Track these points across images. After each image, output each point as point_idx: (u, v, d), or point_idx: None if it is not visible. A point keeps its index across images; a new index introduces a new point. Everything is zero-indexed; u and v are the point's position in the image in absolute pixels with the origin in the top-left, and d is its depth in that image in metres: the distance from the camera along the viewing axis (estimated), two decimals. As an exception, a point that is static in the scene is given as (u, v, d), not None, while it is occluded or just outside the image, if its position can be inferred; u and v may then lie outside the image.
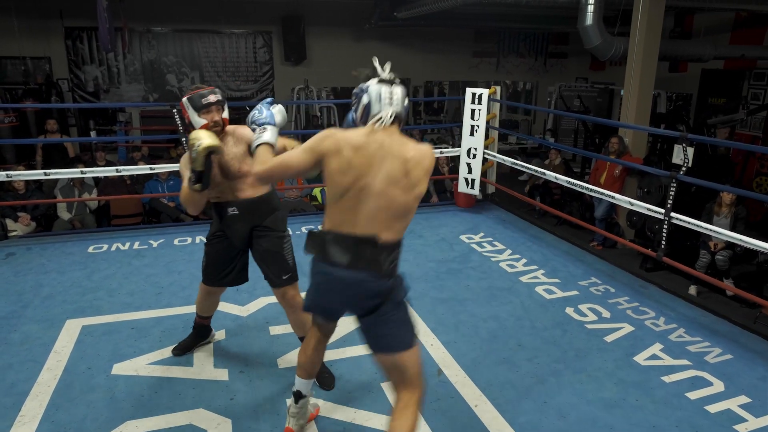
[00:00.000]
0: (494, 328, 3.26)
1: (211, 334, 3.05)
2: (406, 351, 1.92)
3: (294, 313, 2.64)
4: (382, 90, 1.95)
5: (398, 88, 1.95)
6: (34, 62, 9.56)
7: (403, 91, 1.96)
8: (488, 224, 5.21)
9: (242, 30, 10.78)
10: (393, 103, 1.93)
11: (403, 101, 1.95)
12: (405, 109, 1.96)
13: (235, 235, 2.62)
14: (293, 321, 2.69)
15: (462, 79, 12.04)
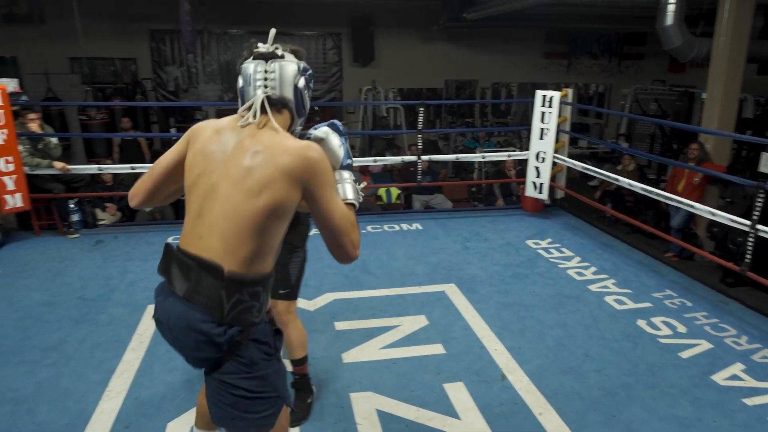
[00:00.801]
0: (561, 336, 3.20)
1: None
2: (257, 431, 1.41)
3: (287, 331, 2.39)
4: (251, 68, 1.48)
5: (277, 64, 1.46)
6: (122, 63, 10.19)
7: (288, 69, 1.46)
8: (556, 230, 5.09)
9: (313, 32, 11.04)
10: (268, 85, 1.46)
11: (289, 81, 1.46)
12: (294, 91, 1.48)
13: None
14: (288, 340, 2.41)
15: (531, 81, 11.80)
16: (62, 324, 3.26)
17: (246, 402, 1.39)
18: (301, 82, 1.49)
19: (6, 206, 4.53)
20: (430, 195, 7.22)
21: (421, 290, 3.78)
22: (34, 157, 4.68)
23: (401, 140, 10.73)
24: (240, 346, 1.37)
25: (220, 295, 1.35)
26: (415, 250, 4.52)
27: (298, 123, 1.55)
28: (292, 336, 2.41)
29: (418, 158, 5.58)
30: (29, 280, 3.85)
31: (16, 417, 2.43)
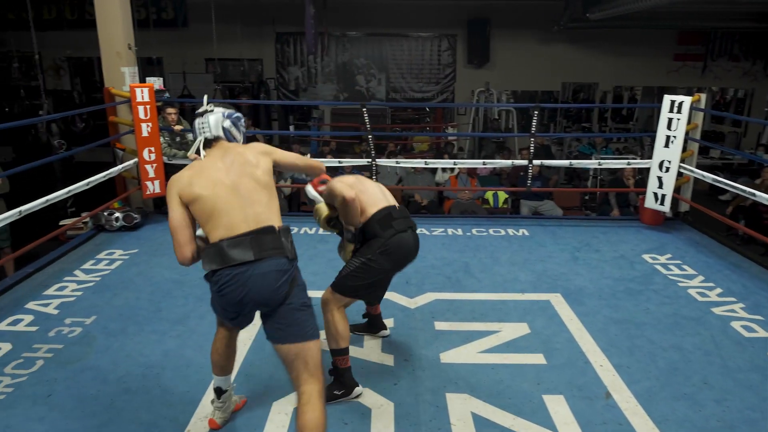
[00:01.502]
0: (675, 359, 2.98)
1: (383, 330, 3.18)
2: (312, 340, 1.97)
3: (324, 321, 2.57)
4: (195, 123, 2.20)
5: (211, 116, 2.18)
6: (249, 63, 10.95)
7: (215, 117, 2.17)
8: (677, 245, 4.73)
9: (428, 33, 11.13)
10: (202, 131, 2.17)
11: (216, 125, 2.17)
12: (220, 130, 2.17)
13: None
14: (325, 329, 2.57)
15: (658, 85, 11.02)
16: (187, 300, 3.59)
17: (307, 313, 2.03)
18: (226, 123, 2.20)
19: (147, 191, 5.07)
20: (540, 201, 7.00)
21: (523, 297, 3.69)
22: (171, 148, 5.19)
23: (512, 144, 10.51)
24: (298, 275, 2.05)
25: (281, 241, 1.99)
26: (520, 257, 4.42)
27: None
28: (326, 327, 2.56)
29: (528, 162, 5.44)
30: (162, 258, 4.28)
31: (145, 380, 2.72)
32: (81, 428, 2.38)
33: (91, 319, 3.31)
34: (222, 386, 2.35)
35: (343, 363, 2.57)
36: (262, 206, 2.02)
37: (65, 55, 11.17)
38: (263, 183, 2.06)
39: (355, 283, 2.58)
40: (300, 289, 2.03)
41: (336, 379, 2.60)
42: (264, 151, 2.17)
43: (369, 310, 3.15)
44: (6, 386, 2.64)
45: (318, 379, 1.96)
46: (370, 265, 2.55)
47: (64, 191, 4.24)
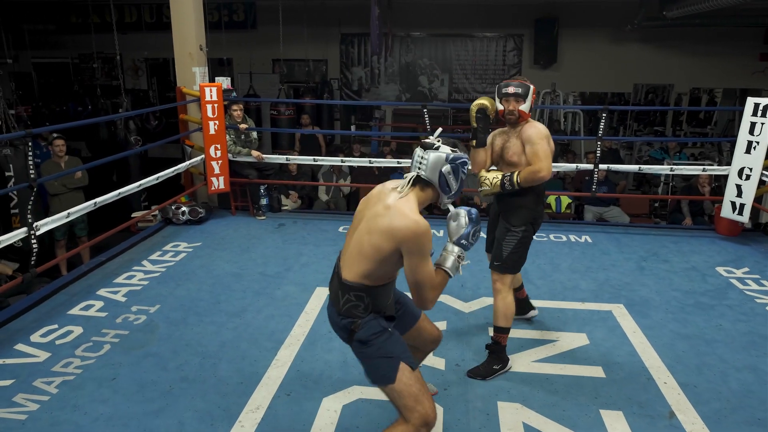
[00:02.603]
0: (750, 381, 2.77)
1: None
2: (385, 386, 1.93)
3: (495, 299, 2.84)
4: (416, 153, 1.95)
5: (432, 154, 1.91)
6: (314, 64, 11.16)
7: (436, 157, 1.90)
8: (756, 258, 4.41)
9: (494, 33, 10.94)
10: (418, 167, 1.92)
11: (433, 167, 1.90)
12: (437, 174, 1.90)
13: (492, 214, 3.03)
14: (494, 307, 2.86)
15: (741, 87, 10.32)
16: (245, 294, 3.69)
17: (368, 363, 1.97)
18: (445, 168, 1.91)
19: (212, 187, 5.26)
20: (605, 207, 6.72)
21: (583, 307, 3.55)
22: (236, 145, 5.35)
23: (578, 147, 10.14)
24: (353, 332, 1.94)
25: (337, 293, 1.96)
26: (582, 264, 4.25)
27: (445, 198, 1.97)
28: (497, 305, 2.81)
29: (594, 167, 5.23)
30: (223, 252, 4.43)
31: (202, 369, 2.82)
32: (140, 412, 2.48)
33: (155, 308, 3.46)
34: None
35: (505, 341, 2.82)
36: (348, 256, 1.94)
37: (143, 56, 11.79)
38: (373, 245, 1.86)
39: (519, 258, 2.83)
40: (359, 345, 1.95)
41: (495, 355, 2.80)
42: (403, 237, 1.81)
43: (516, 295, 3.20)
44: (76, 367, 2.81)
45: (406, 420, 1.93)
46: (527, 236, 2.82)
47: (135, 185, 4.46)
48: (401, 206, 1.84)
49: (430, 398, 1.95)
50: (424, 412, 1.89)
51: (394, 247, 1.82)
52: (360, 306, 1.93)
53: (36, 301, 3.50)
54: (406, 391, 1.90)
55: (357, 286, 1.91)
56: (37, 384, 2.66)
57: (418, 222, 1.80)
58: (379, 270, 1.89)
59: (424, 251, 1.83)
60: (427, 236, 1.81)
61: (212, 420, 2.44)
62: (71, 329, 3.18)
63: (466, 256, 2.01)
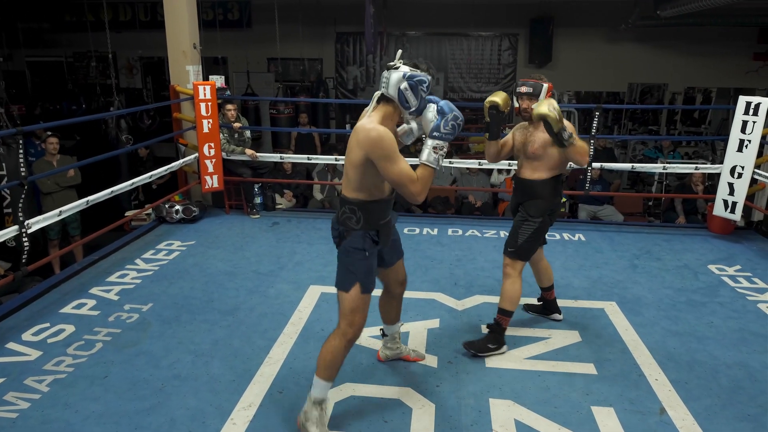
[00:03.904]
0: (740, 377, 2.78)
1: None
2: (339, 291, 2.29)
3: (505, 282, 2.95)
4: (382, 75, 2.17)
5: (393, 73, 2.12)
6: (310, 63, 11.15)
7: (395, 76, 2.11)
8: (748, 256, 4.43)
9: (489, 32, 10.96)
10: (382, 86, 2.15)
11: (394, 85, 2.12)
12: (398, 91, 2.12)
13: (511, 204, 3.12)
14: (502, 289, 2.96)
15: (735, 86, 10.36)
16: (239, 292, 3.68)
17: (340, 267, 2.31)
18: (403, 85, 2.12)
19: (206, 186, 5.25)
20: (599, 206, 6.74)
21: (576, 304, 3.56)
22: (230, 144, 5.34)
23: (573, 146, 10.16)
24: (343, 239, 2.28)
25: (339, 207, 2.29)
26: (575, 262, 4.27)
27: (406, 113, 2.20)
28: (505, 287, 2.93)
29: (588, 165, 5.25)
30: (217, 251, 4.42)
31: (195, 367, 2.81)
32: (132, 410, 2.48)
33: (147, 306, 3.45)
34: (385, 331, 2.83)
35: (506, 323, 2.94)
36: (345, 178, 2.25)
37: (138, 54, 11.75)
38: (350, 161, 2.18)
39: (533, 246, 2.94)
40: (342, 251, 2.29)
41: (494, 335, 2.93)
42: (364, 145, 2.09)
43: (545, 296, 3.34)
44: (67, 366, 2.80)
45: (343, 324, 2.28)
46: (543, 227, 2.93)
47: (127, 183, 4.45)
48: (364, 123, 2.14)
49: (364, 318, 2.30)
50: (353, 321, 2.26)
51: (363, 154, 2.10)
52: (353, 218, 2.23)
53: (28, 300, 3.49)
54: (348, 304, 2.27)
55: (351, 200, 2.22)
56: (28, 382, 2.65)
57: (376, 128, 2.08)
58: (364, 180, 2.18)
59: (388, 153, 2.06)
60: (385, 140, 2.06)
61: (204, 417, 2.44)
62: (63, 327, 3.17)
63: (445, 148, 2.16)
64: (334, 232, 2.33)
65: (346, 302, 2.27)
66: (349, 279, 2.26)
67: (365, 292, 2.28)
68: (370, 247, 2.27)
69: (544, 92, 2.88)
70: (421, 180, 2.12)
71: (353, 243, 2.25)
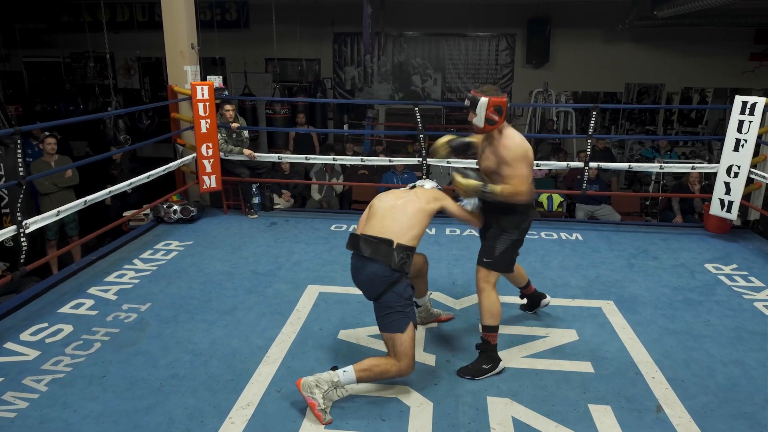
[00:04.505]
0: (736, 375, 2.80)
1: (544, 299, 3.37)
2: (393, 333, 2.53)
3: (480, 298, 2.82)
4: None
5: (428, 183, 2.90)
6: (307, 63, 11.15)
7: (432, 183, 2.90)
8: (744, 255, 4.45)
9: (487, 33, 10.98)
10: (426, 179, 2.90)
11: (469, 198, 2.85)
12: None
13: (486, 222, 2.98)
14: (480, 306, 2.83)
15: (731, 86, 10.40)
16: (237, 292, 3.69)
17: (389, 311, 2.52)
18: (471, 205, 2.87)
19: (203, 186, 5.25)
20: (597, 205, 6.76)
21: (573, 303, 3.57)
22: (228, 144, 5.35)
23: (570, 146, 10.20)
24: (395, 284, 2.52)
25: (392, 253, 2.52)
26: (572, 261, 4.28)
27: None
28: (483, 303, 2.80)
29: (585, 165, 5.26)
30: (215, 251, 4.42)
31: (193, 366, 2.82)
32: (131, 409, 2.48)
33: (146, 306, 3.45)
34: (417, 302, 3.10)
35: (495, 339, 2.81)
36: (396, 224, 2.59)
37: (135, 55, 11.74)
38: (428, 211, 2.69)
39: (510, 259, 2.86)
40: (392, 295, 2.51)
41: (485, 355, 2.79)
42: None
43: (525, 293, 3.33)
44: (66, 365, 2.80)
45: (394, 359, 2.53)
46: (520, 239, 2.85)
47: (125, 183, 4.45)
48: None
49: (414, 356, 2.55)
50: (410, 363, 2.51)
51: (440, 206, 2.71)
52: (407, 263, 2.54)
53: (26, 300, 3.49)
54: (407, 343, 2.50)
55: (411, 247, 2.55)
56: (27, 382, 2.65)
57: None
58: (422, 230, 2.62)
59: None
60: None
61: (202, 417, 2.44)
62: (61, 327, 3.18)
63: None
64: (381, 281, 2.52)
65: (404, 343, 2.49)
66: (403, 321, 2.50)
67: (416, 326, 2.58)
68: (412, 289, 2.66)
69: (482, 107, 2.62)
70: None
71: (404, 287, 2.53)
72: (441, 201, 2.73)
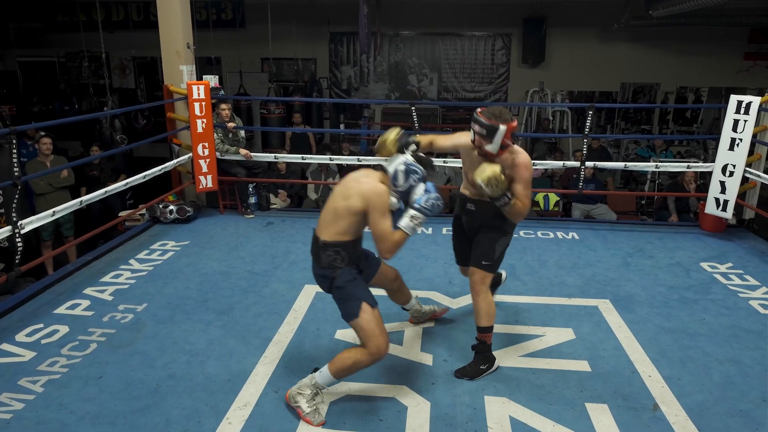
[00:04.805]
0: (732, 373, 2.81)
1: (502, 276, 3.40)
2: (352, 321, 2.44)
3: (477, 299, 2.80)
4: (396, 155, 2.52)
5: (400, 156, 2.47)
6: (303, 63, 11.13)
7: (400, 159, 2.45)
8: (740, 254, 4.47)
9: (483, 32, 10.99)
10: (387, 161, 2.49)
11: (395, 164, 2.44)
12: (394, 170, 2.42)
13: (467, 226, 2.99)
14: (476, 307, 2.81)
15: (726, 85, 10.44)
16: (233, 292, 3.68)
17: (340, 304, 2.49)
18: (401, 167, 2.42)
19: (200, 186, 5.24)
20: (593, 204, 6.78)
21: (570, 302, 3.58)
22: (224, 143, 5.33)
23: (566, 145, 10.22)
24: (333, 279, 2.45)
25: (318, 253, 2.47)
26: (569, 260, 4.29)
27: (393, 189, 2.43)
28: (480, 305, 2.78)
29: (581, 164, 5.28)
30: (211, 250, 4.41)
31: (190, 366, 2.81)
32: (127, 410, 2.48)
33: (142, 307, 3.44)
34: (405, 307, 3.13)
35: (490, 339, 2.81)
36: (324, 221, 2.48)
37: (131, 54, 11.70)
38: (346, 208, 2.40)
39: (501, 257, 2.87)
40: (337, 290, 2.46)
41: (482, 356, 2.79)
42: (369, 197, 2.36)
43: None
44: (62, 366, 2.79)
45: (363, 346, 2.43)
46: (510, 237, 2.87)
47: (121, 183, 4.44)
48: (366, 179, 2.41)
49: (385, 334, 2.43)
50: (378, 343, 2.39)
51: (363, 204, 2.34)
52: (338, 258, 2.43)
53: (21, 301, 3.48)
54: (366, 326, 2.39)
55: (335, 242, 2.42)
56: (23, 383, 2.64)
57: (378, 186, 2.36)
58: (351, 226, 2.39)
59: (383, 209, 2.34)
60: (384, 196, 2.34)
61: (199, 417, 2.43)
62: (57, 328, 3.16)
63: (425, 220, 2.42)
64: (323, 277, 2.49)
65: (364, 328, 2.40)
66: (354, 305, 2.41)
67: (374, 306, 2.44)
68: (357, 274, 2.51)
69: (499, 136, 2.52)
70: (395, 241, 2.37)
71: (344, 278, 2.43)
72: (366, 205, 2.34)
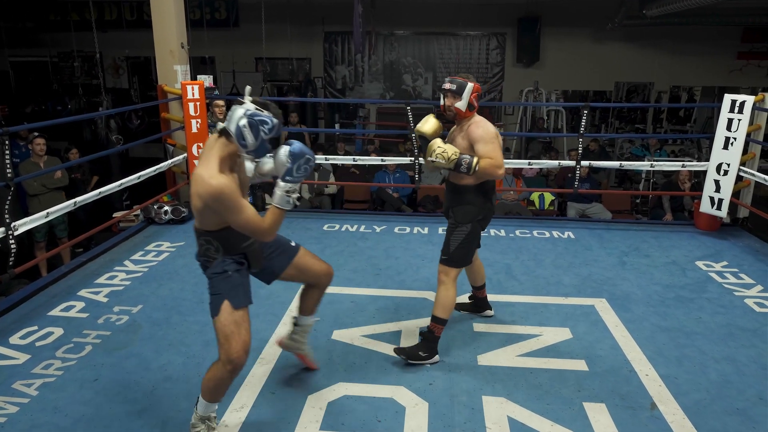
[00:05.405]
0: (728, 371, 2.82)
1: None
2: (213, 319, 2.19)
3: (438, 289, 2.83)
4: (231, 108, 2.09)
5: (236, 108, 2.04)
6: (298, 62, 11.11)
7: (237, 111, 2.03)
8: (734, 252, 4.49)
9: (477, 32, 11.00)
10: (226, 121, 2.06)
11: (234, 120, 2.02)
12: (235, 126, 2.02)
13: (444, 207, 3.04)
14: (436, 297, 2.84)
15: (719, 85, 10.51)
16: (229, 293, 3.65)
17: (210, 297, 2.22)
18: (242, 122, 2.00)
19: (194, 186, 5.20)
20: (588, 204, 6.80)
21: (566, 302, 3.59)
22: (219, 144, 5.30)
23: (560, 145, 10.25)
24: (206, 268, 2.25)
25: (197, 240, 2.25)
26: (564, 260, 4.30)
27: (243, 150, 2.07)
28: (439, 295, 2.82)
29: (576, 163, 5.29)
30: (207, 251, 4.38)
31: (186, 368, 2.79)
32: (123, 413, 2.46)
33: (137, 308, 3.42)
34: (297, 321, 2.70)
35: (440, 331, 2.83)
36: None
37: (124, 54, 11.64)
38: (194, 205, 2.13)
39: (466, 253, 2.84)
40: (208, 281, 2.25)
41: (426, 343, 2.83)
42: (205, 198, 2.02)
43: (476, 294, 3.33)
44: (56, 369, 2.76)
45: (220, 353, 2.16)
46: (474, 232, 2.84)
47: (116, 184, 4.41)
48: (201, 172, 2.02)
49: (240, 339, 2.13)
50: (229, 350, 2.11)
51: (203, 205, 2.04)
52: (211, 248, 2.20)
53: (15, 303, 3.44)
54: (220, 328, 2.14)
55: (203, 232, 2.19)
56: (17, 386, 2.62)
57: (213, 185, 1.98)
58: (209, 219, 2.14)
59: (229, 205, 2.01)
60: (225, 193, 1.99)
61: (196, 419, 2.42)
62: (52, 330, 3.14)
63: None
64: (201, 266, 2.29)
65: (220, 329, 2.14)
66: (216, 301, 2.17)
67: (237, 306, 2.15)
68: (233, 268, 2.21)
69: (468, 91, 2.71)
70: (270, 223, 2.12)
71: (214, 269, 2.20)
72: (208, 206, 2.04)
